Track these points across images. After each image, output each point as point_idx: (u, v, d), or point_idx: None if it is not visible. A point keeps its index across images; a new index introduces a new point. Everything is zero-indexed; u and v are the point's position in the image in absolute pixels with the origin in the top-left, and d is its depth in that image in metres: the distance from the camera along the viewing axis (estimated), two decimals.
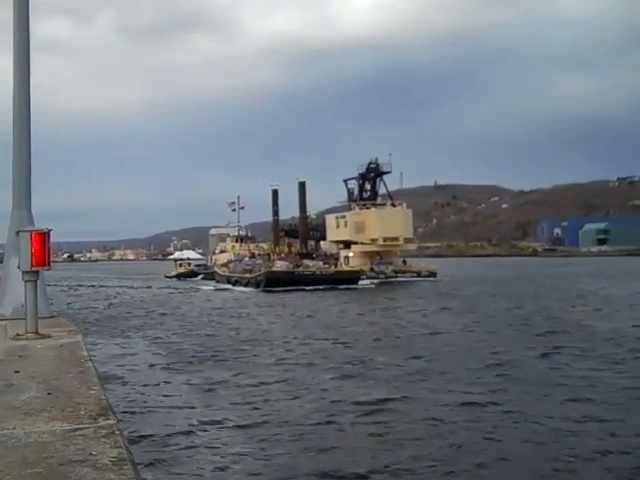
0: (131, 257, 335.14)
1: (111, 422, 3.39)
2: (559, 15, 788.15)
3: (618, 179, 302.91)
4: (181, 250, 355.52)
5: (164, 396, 15.73)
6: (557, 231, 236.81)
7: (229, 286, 68.30)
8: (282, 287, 57.80)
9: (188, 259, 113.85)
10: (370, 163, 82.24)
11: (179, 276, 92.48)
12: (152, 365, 20.10)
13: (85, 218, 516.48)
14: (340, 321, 33.62)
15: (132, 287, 71.33)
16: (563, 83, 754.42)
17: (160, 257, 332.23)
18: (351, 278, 63.58)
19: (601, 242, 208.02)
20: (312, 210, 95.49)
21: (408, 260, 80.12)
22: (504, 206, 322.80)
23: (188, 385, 16.86)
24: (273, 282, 59.66)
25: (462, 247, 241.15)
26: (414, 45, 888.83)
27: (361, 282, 64.51)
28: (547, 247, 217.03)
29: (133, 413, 13.99)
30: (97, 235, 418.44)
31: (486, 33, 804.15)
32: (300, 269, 64.98)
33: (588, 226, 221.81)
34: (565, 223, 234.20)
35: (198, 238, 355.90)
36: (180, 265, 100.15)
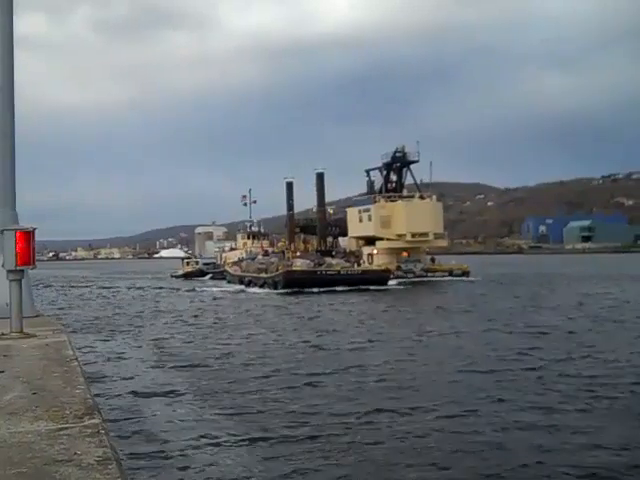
0: (117, 256, 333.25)
1: (96, 421, 3.38)
2: (539, 12, 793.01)
3: (602, 177, 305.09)
4: (167, 249, 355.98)
5: (154, 397, 15.59)
6: (542, 229, 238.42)
7: (242, 287, 62.64)
8: (303, 288, 52.83)
9: (195, 257, 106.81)
10: (396, 151, 74.94)
11: (186, 276, 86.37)
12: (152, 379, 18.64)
13: (70, 217, 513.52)
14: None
15: (141, 287, 66.70)
16: (546, 81, 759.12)
17: (146, 256, 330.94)
18: (380, 278, 57.63)
19: (585, 239, 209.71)
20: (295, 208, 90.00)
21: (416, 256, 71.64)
22: (489, 204, 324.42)
23: (182, 390, 16.53)
24: (293, 283, 54.26)
25: (448, 245, 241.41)
26: (397, 42, 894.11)
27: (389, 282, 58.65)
28: (532, 245, 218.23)
29: (120, 412, 13.89)
30: (82, 234, 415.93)
31: (469, 31, 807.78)
32: (322, 268, 59.07)
33: (573, 224, 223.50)
34: (550, 221, 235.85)
35: (184, 237, 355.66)
36: (187, 264, 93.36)
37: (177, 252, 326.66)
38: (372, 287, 54.09)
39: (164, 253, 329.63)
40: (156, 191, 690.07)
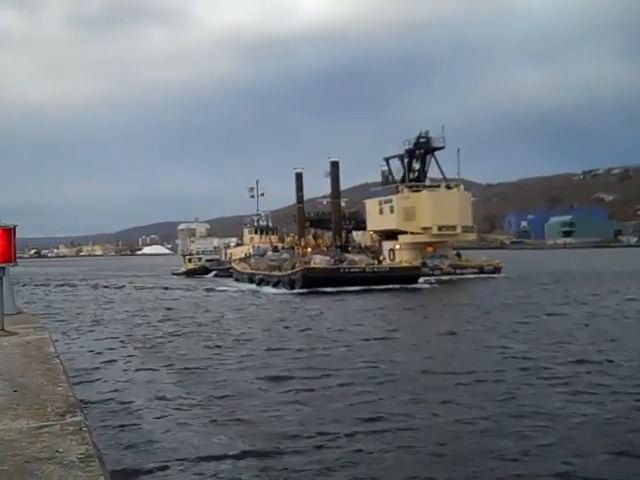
0: (99, 253, 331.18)
1: (78, 419, 3.36)
2: (520, 9, 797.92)
3: (582, 172, 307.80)
4: (150, 245, 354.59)
5: (143, 397, 15.40)
6: (524, 224, 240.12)
7: (252, 286, 56.90)
8: (323, 288, 47.58)
9: (197, 254, 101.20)
10: (419, 137, 68.52)
11: (189, 273, 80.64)
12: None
13: (51, 214, 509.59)
14: None
15: (141, 288, 60.58)
16: (528, 77, 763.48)
17: (128, 253, 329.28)
18: (409, 276, 52.12)
19: (566, 234, 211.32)
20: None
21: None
22: (472, 199, 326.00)
23: (176, 392, 16.05)
24: (312, 282, 48.90)
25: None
26: (374, 37, 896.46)
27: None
28: (514, 240, 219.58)
29: (103, 409, 13.80)
30: (64, 231, 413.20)
31: (450, 27, 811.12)
32: (345, 265, 53.69)
33: (554, 219, 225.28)
34: (531, 216, 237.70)
35: (166, 233, 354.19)
36: (190, 260, 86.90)
37: (160, 249, 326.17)
38: (400, 286, 48.94)
39: (147, 250, 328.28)
40: (137, 188, 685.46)
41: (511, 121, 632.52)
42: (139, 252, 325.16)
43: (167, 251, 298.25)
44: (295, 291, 49.41)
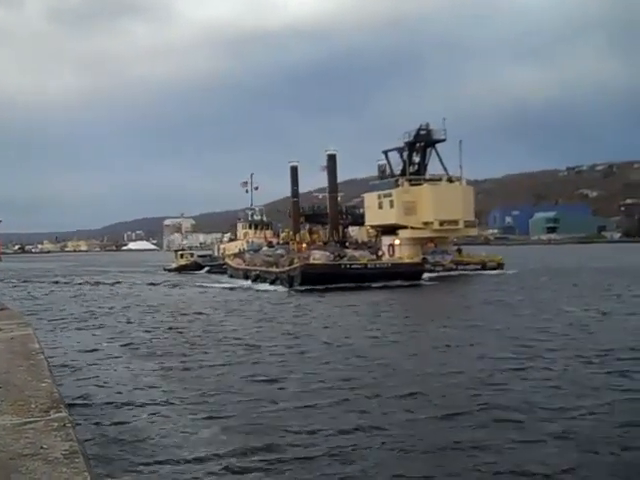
0: (84, 248, 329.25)
1: (63, 415, 3.35)
2: (504, 5, 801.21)
3: (567, 169, 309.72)
4: (135, 241, 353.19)
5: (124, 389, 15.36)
6: (508, 220, 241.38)
7: (248, 282, 55.34)
8: (323, 285, 45.52)
9: (190, 249, 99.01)
10: (420, 129, 66.83)
11: (181, 269, 78.89)
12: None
13: (35, 209, 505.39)
14: None
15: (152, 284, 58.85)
16: (511, 73, 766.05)
17: (114, 248, 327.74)
18: (413, 272, 50.44)
19: (550, 230, 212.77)
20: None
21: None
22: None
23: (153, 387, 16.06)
24: (312, 278, 46.80)
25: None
26: (358, 32, 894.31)
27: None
28: (499, 235, 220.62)
29: (87, 406, 13.74)
30: (48, 227, 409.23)
31: (434, 23, 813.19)
32: (345, 261, 51.55)
33: (538, 215, 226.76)
34: (516, 212, 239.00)
35: (151, 229, 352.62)
36: (182, 256, 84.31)
37: (145, 244, 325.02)
38: (402, 283, 47.05)
39: (132, 245, 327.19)
40: (122, 183, 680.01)
41: (496, 117, 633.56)
42: (124, 248, 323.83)
43: (153, 247, 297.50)
44: (294, 288, 47.49)
